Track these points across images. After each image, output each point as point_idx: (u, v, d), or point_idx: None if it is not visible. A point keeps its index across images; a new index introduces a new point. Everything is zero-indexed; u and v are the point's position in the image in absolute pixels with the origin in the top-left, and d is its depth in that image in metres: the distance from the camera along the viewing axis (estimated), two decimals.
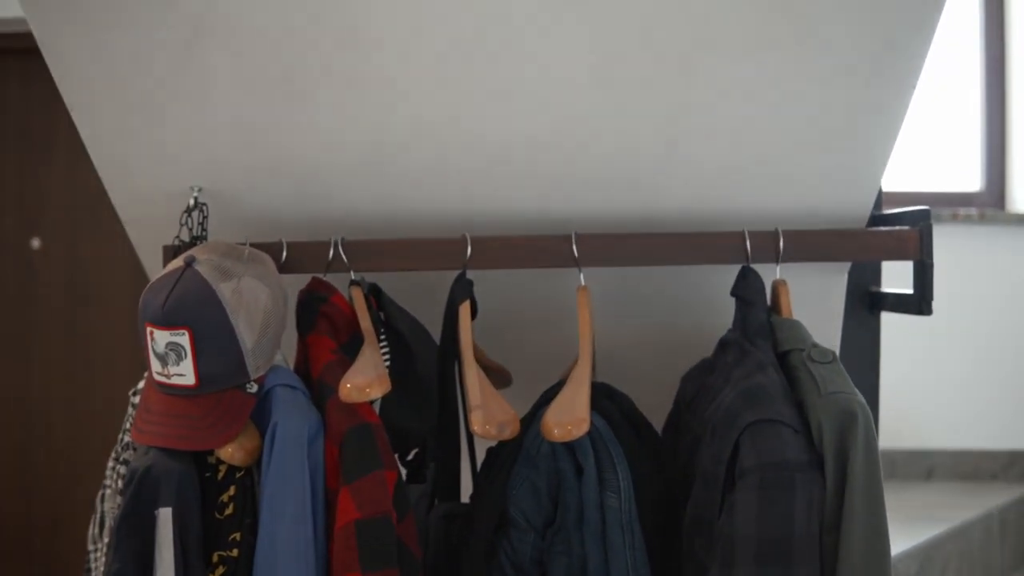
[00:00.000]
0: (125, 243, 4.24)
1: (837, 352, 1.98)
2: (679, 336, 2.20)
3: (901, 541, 1.62)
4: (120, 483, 1.93)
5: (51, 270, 4.44)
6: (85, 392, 4.45)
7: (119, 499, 1.91)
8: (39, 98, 4.33)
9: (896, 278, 2.30)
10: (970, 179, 4.77)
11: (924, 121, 4.48)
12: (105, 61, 1.86)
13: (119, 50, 1.84)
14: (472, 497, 1.92)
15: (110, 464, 2.00)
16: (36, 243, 4.42)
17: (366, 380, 1.68)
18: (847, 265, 2.18)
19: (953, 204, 4.53)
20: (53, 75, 1.88)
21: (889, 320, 2.42)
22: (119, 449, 1.97)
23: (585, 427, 1.69)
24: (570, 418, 1.69)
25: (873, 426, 1.66)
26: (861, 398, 1.68)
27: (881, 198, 2.16)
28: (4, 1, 3.84)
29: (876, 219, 2.12)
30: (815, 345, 1.79)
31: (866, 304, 2.29)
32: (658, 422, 1.98)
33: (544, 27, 1.81)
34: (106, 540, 1.97)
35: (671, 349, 2.15)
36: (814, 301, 2.08)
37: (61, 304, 4.45)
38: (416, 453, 2.00)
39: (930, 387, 4.33)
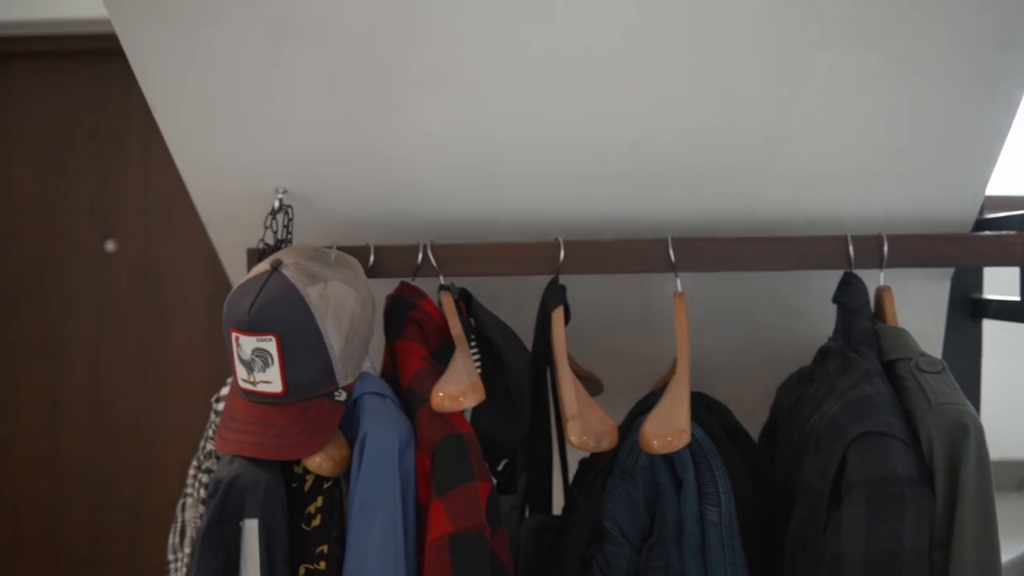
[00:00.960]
0: (200, 245, 4.28)
1: None
2: (773, 343, 2.16)
3: None
4: (202, 492, 1.90)
5: (125, 273, 4.44)
6: (159, 396, 4.45)
7: (202, 509, 1.89)
8: (113, 100, 4.35)
9: (997, 285, 2.24)
10: None
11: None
12: (189, 60, 1.83)
13: (203, 49, 1.81)
14: (565, 509, 1.87)
15: (191, 472, 1.97)
16: (111, 246, 4.42)
17: (459, 389, 1.63)
18: (951, 270, 2.12)
19: None
20: (136, 75, 1.85)
21: None
22: (201, 457, 1.94)
23: (686, 438, 1.64)
24: (670, 429, 1.64)
25: (985, 439, 1.59)
26: (973, 410, 1.61)
27: (983, 202, 2.10)
28: (78, 3, 3.87)
29: (980, 224, 2.05)
30: (923, 354, 1.73)
31: (968, 311, 2.21)
32: (752, 431, 1.92)
33: (644, 26, 1.76)
34: (187, 550, 1.94)
35: (765, 356, 2.11)
36: (916, 307, 2.04)
37: (135, 307, 4.45)
38: (506, 463, 1.95)
39: (1020, 395, 4.25)
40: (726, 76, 1.82)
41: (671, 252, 1.85)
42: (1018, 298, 2.06)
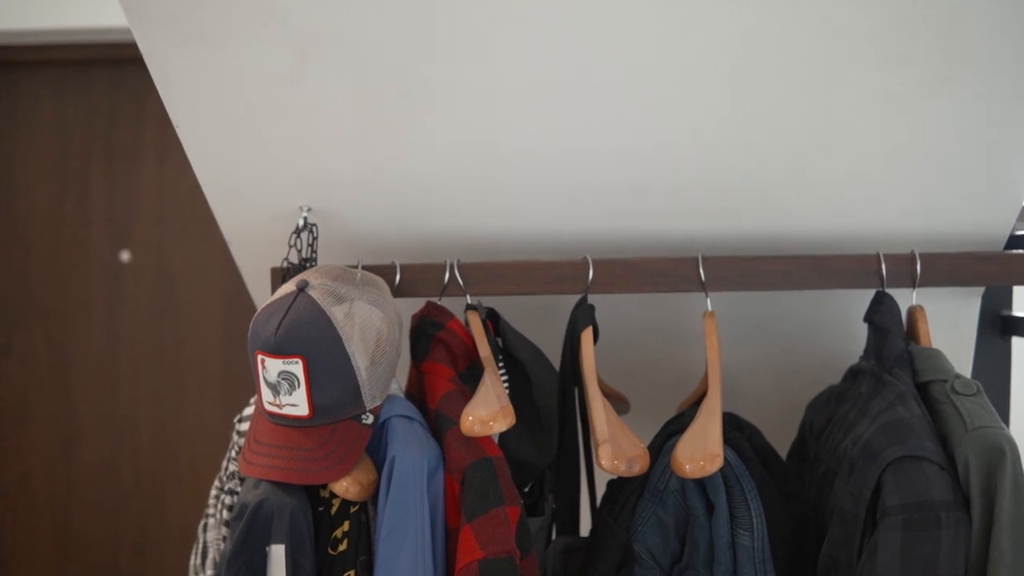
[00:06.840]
0: (214, 253, 4.25)
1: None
2: (799, 360, 2.14)
3: None
4: (225, 513, 1.88)
5: (141, 283, 4.42)
6: (173, 408, 4.42)
7: (224, 530, 1.87)
8: (126, 109, 4.32)
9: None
10: None
11: None
12: (213, 78, 1.81)
13: (227, 67, 1.79)
14: (593, 532, 1.84)
15: (213, 492, 1.96)
16: (126, 256, 4.40)
17: (490, 413, 1.60)
18: (981, 288, 2.09)
19: None
20: (160, 93, 1.82)
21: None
22: (224, 478, 1.92)
23: (719, 463, 1.61)
24: (703, 453, 1.61)
25: (1021, 462, 1.57)
26: (1009, 433, 1.59)
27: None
28: (93, 11, 3.86)
29: (1014, 240, 2.02)
30: (958, 376, 1.71)
31: (998, 328, 2.19)
32: (779, 450, 1.90)
33: (670, 44, 1.73)
34: (209, 572, 1.92)
35: (791, 374, 2.09)
36: (946, 326, 2.01)
37: (150, 316, 4.43)
38: (533, 485, 1.92)
39: None
40: (754, 93, 1.80)
41: (701, 271, 1.83)
42: None
